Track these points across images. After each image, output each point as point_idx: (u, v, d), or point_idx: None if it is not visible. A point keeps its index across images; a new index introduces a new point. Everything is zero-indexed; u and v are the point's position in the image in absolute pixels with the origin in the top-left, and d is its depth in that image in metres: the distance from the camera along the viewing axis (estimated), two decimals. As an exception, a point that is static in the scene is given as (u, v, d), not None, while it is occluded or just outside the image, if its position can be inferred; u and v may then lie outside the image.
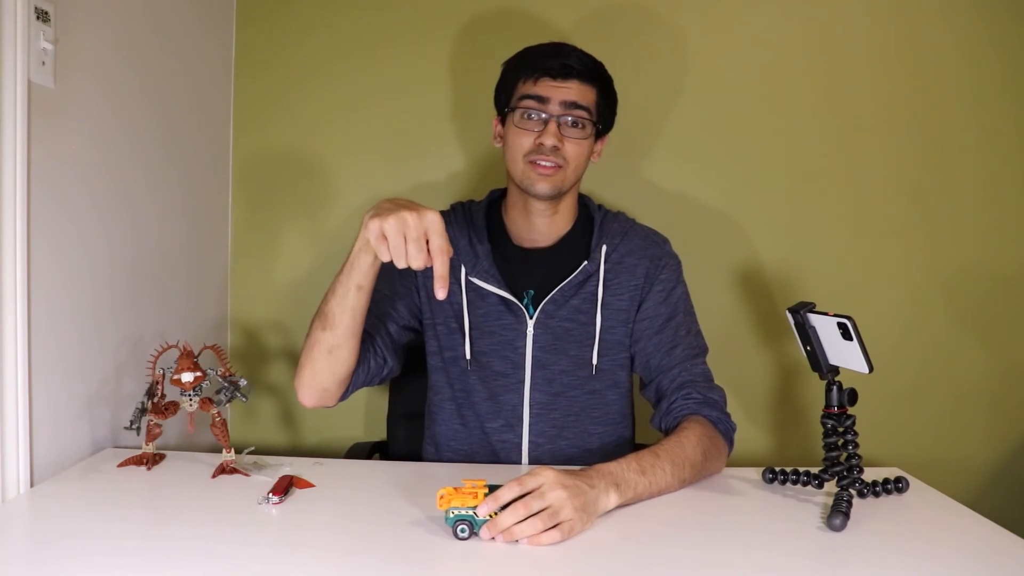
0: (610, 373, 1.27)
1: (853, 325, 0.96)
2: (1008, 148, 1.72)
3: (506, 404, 1.26)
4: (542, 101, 1.19)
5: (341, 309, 1.10)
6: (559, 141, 1.19)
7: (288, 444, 1.75)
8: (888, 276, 1.73)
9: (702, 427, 1.12)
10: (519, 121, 1.21)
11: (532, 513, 0.87)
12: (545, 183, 1.20)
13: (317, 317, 1.14)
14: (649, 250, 1.28)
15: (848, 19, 1.69)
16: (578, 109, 1.20)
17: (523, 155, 1.21)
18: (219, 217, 1.69)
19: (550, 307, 1.24)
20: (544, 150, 1.19)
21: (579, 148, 1.21)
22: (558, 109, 1.19)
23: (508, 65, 1.27)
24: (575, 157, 1.21)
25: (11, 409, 1.01)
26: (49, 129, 1.07)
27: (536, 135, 1.19)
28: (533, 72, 1.21)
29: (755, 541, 0.92)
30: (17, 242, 1.00)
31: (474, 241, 1.28)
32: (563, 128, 1.20)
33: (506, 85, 1.26)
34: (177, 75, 1.46)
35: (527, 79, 1.21)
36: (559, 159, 1.20)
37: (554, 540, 0.87)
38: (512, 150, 1.22)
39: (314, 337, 1.14)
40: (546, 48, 1.23)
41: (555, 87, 1.19)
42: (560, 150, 1.19)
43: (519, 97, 1.22)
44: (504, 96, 1.26)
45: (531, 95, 1.20)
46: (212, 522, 0.93)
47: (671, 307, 1.26)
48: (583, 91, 1.21)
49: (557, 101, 1.19)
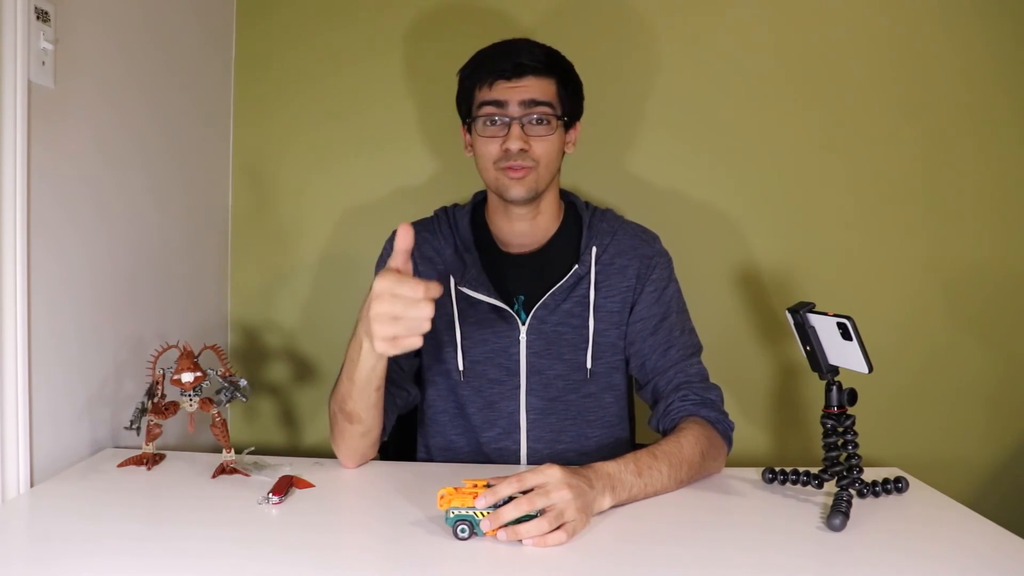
0: (605, 376, 1.27)
1: (853, 325, 0.96)
2: (1008, 148, 1.72)
3: (503, 411, 1.25)
4: (500, 105, 1.17)
5: (365, 407, 1.08)
6: (525, 143, 1.16)
7: (288, 444, 1.76)
8: (888, 276, 1.73)
9: (700, 428, 1.12)
10: (482, 129, 1.19)
11: (535, 510, 0.87)
12: (519, 187, 1.18)
13: (340, 411, 1.10)
14: (639, 249, 1.27)
15: (848, 14, 1.69)
16: (539, 106, 1.17)
17: (492, 163, 1.19)
18: (219, 217, 1.69)
19: (542, 312, 1.23)
20: (511, 155, 1.16)
21: (548, 145, 1.19)
22: (518, 110, 1.16)
23: (463, 73, 1.24)
24: (545, 155, 1.19)
25: (11, 409, 1.01)
26: (49, 129, 1.07)
27: (501, 140, 1.17)
28: (487, 76, 1.18)
29: (755, 541, 0.92)
30: (17, 242, 1.00)
31: (460, 250, 1.26)
32: (527, 128, 1.17)
33: (464, 94, 1.23)
34: (177, 75, 1.46)
35: (482, 84, 1.19)
36: (528, 161, 1.17)
37: (560, 542, 0.87)
38: (481, 159, 1.21)
39: (341, 427, 1.11)
40: (496, 49, 1.21)
41: (511, 88, 1.17)
42: (528, 151, 1.17)
43: (478, 105, 1.19)
44: (464, 105, 1.24)
45: (488, 100, 1.17)
46: (212, 522, 0.93)
47: (664, 307, 1.25)
48: (541, 86, 1.18)
49: (515, 102, 1.16)
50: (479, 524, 0.88)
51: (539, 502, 0.87)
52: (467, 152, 1.26)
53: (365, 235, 1.65)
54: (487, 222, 1.30)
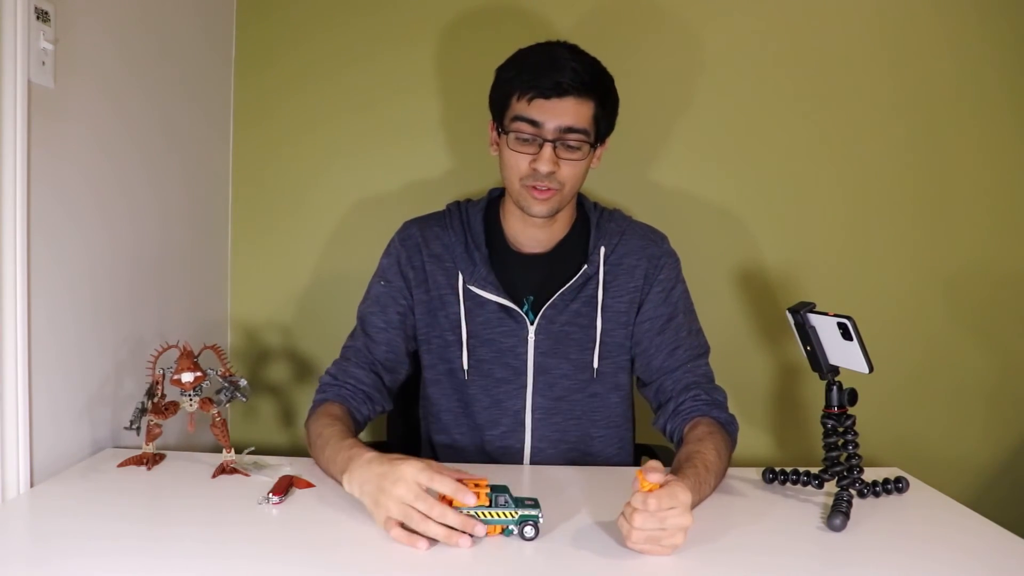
0: (611, 376, 1.27)
1: (853, 325, 0.96)
2: (1007, 148, 1.72)
3: (508, 410, 1.25)
4: (535, 125, 1.14)
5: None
6: (555, 165, 1.14)
7: (288, 444, 1.75)
8: (888, 276, 1.73)
9: (719, 432, 1.12)
10: (513, 144, 1.16)
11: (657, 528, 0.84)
12: (542, 207, 1.18)
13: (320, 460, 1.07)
14: (647, 249, 1.27)
15: (849, 21, 1.70)
16: (574, 133, 1.14)
17: (519, 178, 1.17)
18: (219, 217, 1.69)
19: (551, 312, 1.23)
20: (539, 176, 1.15)
21: (577, 169, 1.17)
22: (552, 133, 1.13)
23: (501, 73, 1.21)
24: (572, 177, 1.17)
25: (11, 409, 1.01)
26: (49, 129, 1.07)
27: (531, 159, 1.15)
28: (526, 90, 1.14)
29: (755, 541, 0.92)
30: (17, 242, 1.00)
31: (471, 247, 1.25)
32: (559, 151, 1.14)
33: (499, 96, 1.20)
34: (177, 75, 1.46)
35: (520, 97, 1.15)
36: (555, 184, 1.16)
37: (657, 554, 0.86)
38: (508, 170, 1.19)
39: (322, 464, 1.08)
40: (539, 59, 1.16)
41: (549, 108, 1.13)
42: (556, 174, 1.15)
43: (512, 118, 1.16)
44: (498, 107, 1.21)
45: (524, 117, 1.14)
46: (212, 522, 0.93)
47: (671, 307, 1.25)
48: (579, 109, 1.14)
49: (552, 125, 1.13)
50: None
51: (666, 525, 0.84)
52: (492, 151, 1.24)
53: (366, 235, 1.65)
54: (500, 221, 1.29)
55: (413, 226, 1.30)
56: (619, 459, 1.31)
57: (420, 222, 1.31)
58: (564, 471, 1.18)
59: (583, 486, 1.10)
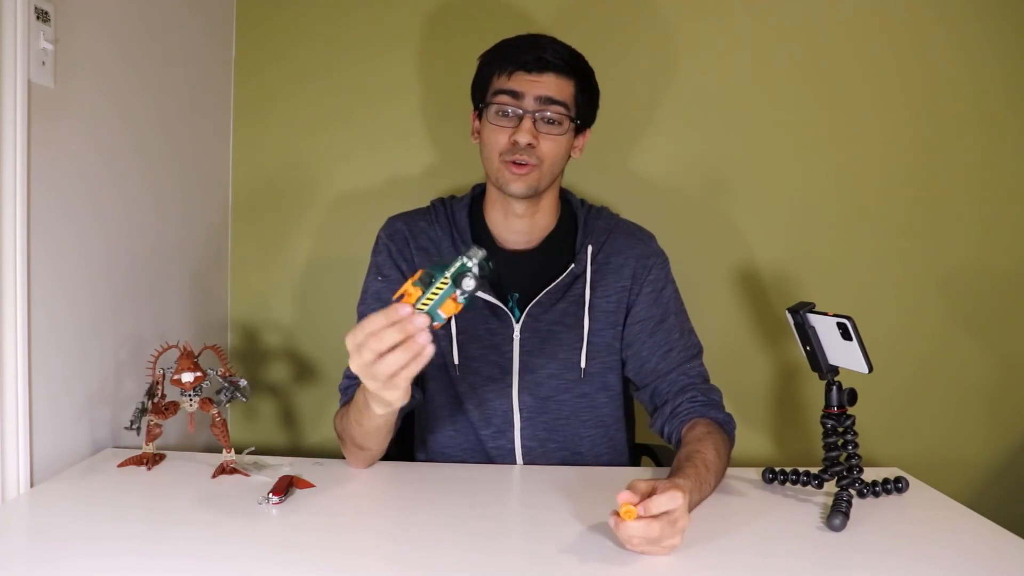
0: (599, 376, 1.26)
1: (853, 325, 0.96)
2: (1006, 148, 1.72)
3: (496, 409, 1.24)
4: (516, 96, 1.15)
5: (376, 442, 1.10)
6: (534, 138, 1.15)
7: (288, 444, 1.76)
8: (888, 276, 1.73)
9: (718, 432, 1.12)
10: (493, 118, 1.17)
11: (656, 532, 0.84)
12: (520, 183, 1.17)
13: (349, 441, 1.12)
14: (635, 248, 1.26)
15: (847, 15, 1.70)
16: (554, 104, 1.16)
17: (498, 154, 1.18)
18: (219, 217, 1.69)
19: (536, 310, 1.22)
20: (518, 148, 1.15)
21: (555, 146, 1.18)
22: (533, 104, 1.15)
23: (483, 59, 1.23)
24: (551, 155, 1.18)
25: (11, 409, 1.01)
26: (49, 129, 1.07)
27: (511, 132, 1.16)
28: (507, 66, 1.17)
29: (755, 541, 0.92)
30: (17, 242, 1.00)
31: (458, 242, 1.25)
32: (538, 124, 1.16)
33: (481, 80, 1.22)
34: (177, 75, 1.46)
35: (501, 73, 1.17)
36: (533, 158, 1.16)
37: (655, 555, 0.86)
38: (487, 148, 1.20)
39: (349, 449, 1.13)
40: (521, 40, 1.20)
41: (530, 81, 1.15)
42: (535, 148, 1.15)
43: (493, 92, 1.18)
44: (479, 91, 1.22)
45: (505, 90, 1.16)
46: (212, 522, 0.93)
47: (662, 308, 1.25)
48: (560, 85, 1.16)
49: (532, 96, 1.15)
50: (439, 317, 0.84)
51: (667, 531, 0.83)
52: (473, 138, 1.25)
53: (366, 235, 1.64)
54: (484, 216, 1.29)
55: (398, 221, 1.30)
56: (610, 459, 1.30)
57: (405, 217, 1.30)
58: (557, 471, 1.18)
59: (577, 486, 1.09)
